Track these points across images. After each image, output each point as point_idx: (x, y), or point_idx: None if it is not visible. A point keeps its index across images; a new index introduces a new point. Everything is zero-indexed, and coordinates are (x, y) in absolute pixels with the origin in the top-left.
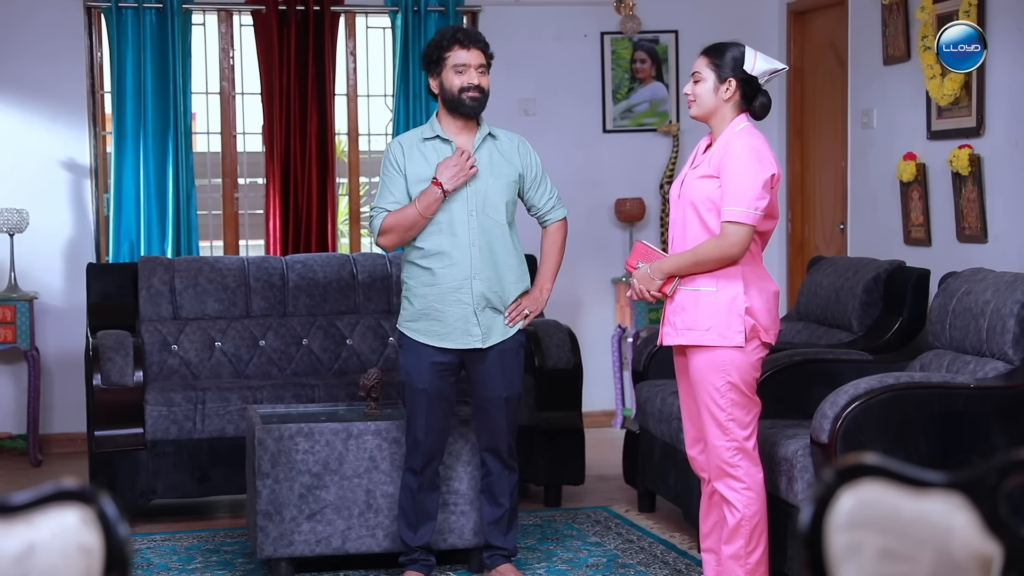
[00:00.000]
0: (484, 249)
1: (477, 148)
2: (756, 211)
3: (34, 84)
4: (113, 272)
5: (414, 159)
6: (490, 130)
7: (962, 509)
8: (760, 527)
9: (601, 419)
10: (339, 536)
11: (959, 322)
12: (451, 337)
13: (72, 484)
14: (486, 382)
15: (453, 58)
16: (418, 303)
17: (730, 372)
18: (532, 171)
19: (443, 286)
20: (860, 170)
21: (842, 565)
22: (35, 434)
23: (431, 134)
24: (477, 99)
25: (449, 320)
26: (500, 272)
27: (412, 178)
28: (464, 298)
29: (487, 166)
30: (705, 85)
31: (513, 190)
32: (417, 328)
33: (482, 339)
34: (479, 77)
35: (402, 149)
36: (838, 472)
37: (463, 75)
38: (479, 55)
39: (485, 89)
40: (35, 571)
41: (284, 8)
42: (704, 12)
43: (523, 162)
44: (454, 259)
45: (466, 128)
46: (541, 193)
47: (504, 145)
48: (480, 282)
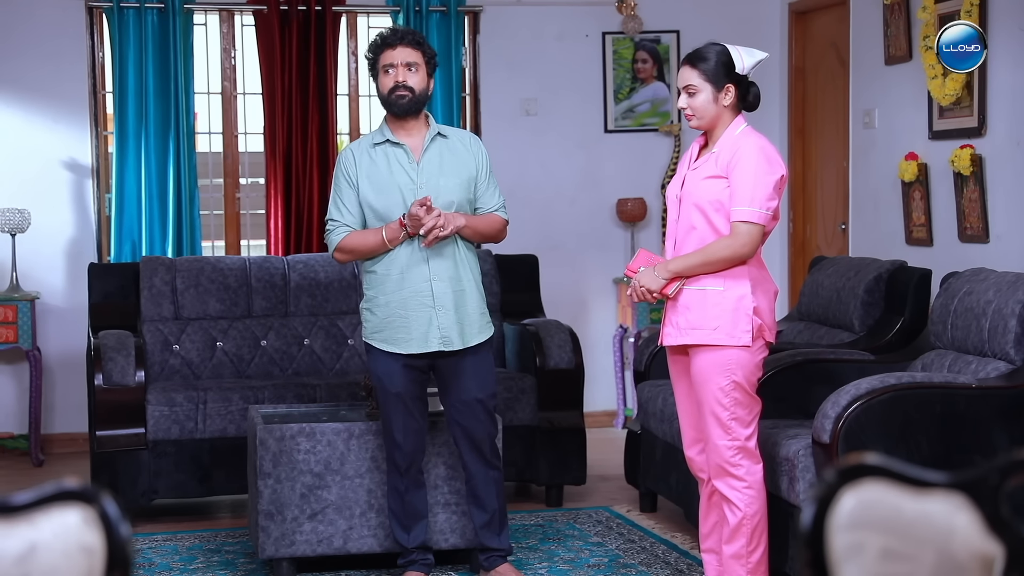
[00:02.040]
0: (440, 248)
1: (427, 148)
2: (767, 211)
3: (36, 84)
4: (115, 272)
5: (364, 165)
6: (439, 129)
7: (964, 509)
8: (761, 526)
9: (602, 419)
10: (341, 536)
11: (961, 322)
12: (416, 343)
13: (74, 484)
14: (462, 385)
15: (382, 59)
16: (381, 312)
17: (735, 371)
18: (484, 169)
19: (405, 291)
20: (862, 170)
21: (844, 565)
22: (37, 434)
23: (380, 139)
24: (405, 97)
25: (413, 325)
26: (459, 271)
27: (364, 185)
28: (426, 300)
29: (437, 166)
30: (702, 96)
31: (467, 189)
32: (384, 338)
33: (444, 342)
34: (406, 74)
35: (353, 158)
36: (840, 472)
37: (389, 75)
38: (408, 52)
39: (414, 87)
40: (37, 571)
41: (286, 8)
42: (705, 12)
43: (476, 161)
44: (413, 262)
45: (414, 129)
46: (489, 195)
47: (455, 144)
48: (440, 283)
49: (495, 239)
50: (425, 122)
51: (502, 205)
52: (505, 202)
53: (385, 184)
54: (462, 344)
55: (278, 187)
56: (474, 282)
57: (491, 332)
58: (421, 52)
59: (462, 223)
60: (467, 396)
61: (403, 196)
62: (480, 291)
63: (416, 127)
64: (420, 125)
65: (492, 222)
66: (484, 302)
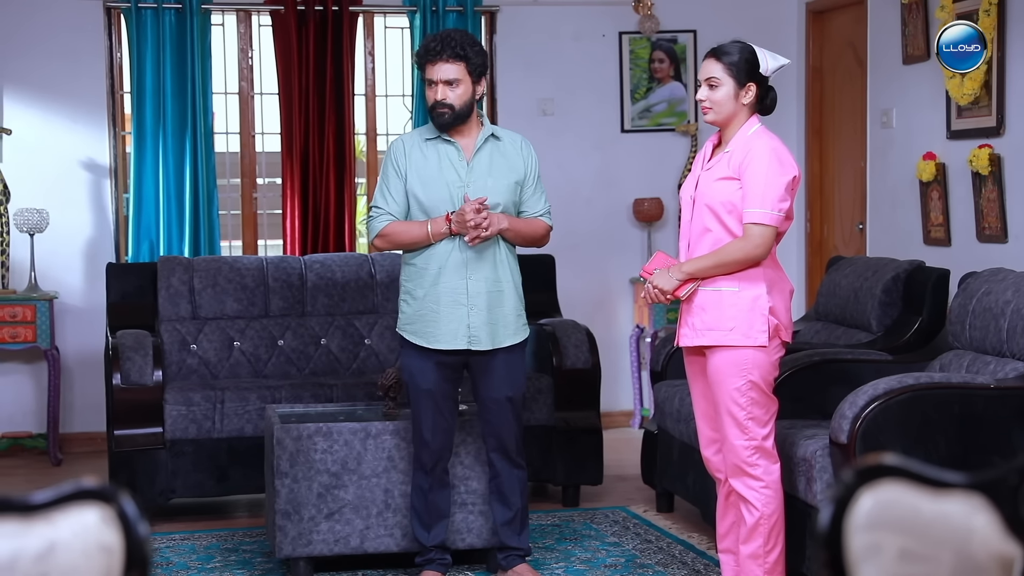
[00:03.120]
0: (480, 248)
1: (478, 148)
2: (779, 212)
3: (54, 84)
4: (132, 272)
5: (414, 158)
6: (493, 131)
7: (982, 510)
8: (778, 526)
9: (619, 419)
10: (357, 536)
11: (979, 322)
12: (444, 339)
13: (92, 483)
14: (492, 383)
15: (426, 71)
16: (415, 305)
17: (751, 371)
18: (532, 174)
19: (440, 287)
20: (879, 170)
21: (861, 566)
22: (55, 433)
23: (433, 135)
24: (444, 115)
25: (443, 321)
26: (497, 272)
27: (412, 177)
28: (460, 298)
29: (486, 166)
30: (723, 90)
31: (514, 192)
32: (415, 331)
33: (473, 341)
34: (446, 92)
35: (404, 148)
36: (858, 472)
37: (431, 89)
38: (447, 68)
39: (453, 104)
40: (56, 570)
41: (303, 8)
42: (722, 12)
43: (525, 165)
44: (452, 259)
45: (466, 129)
46: (535, 200)
47: (507, 146)
48: (476, 282)
49: (537, 244)
50: (478, 122)
51: (547, 211)
52: (551, 209)
53: (434, 179)
54: (491, 345)
55: (295, 187)
56: (512, 284)
57: (525, 335)
58: (464, 63)
59: (506, 225)
60: (496, 394)
61: (450, 193)
62: (518, 294)
63: (468, 128)
64: (472, 126)
65: (535, 227)
66: (521, 305)
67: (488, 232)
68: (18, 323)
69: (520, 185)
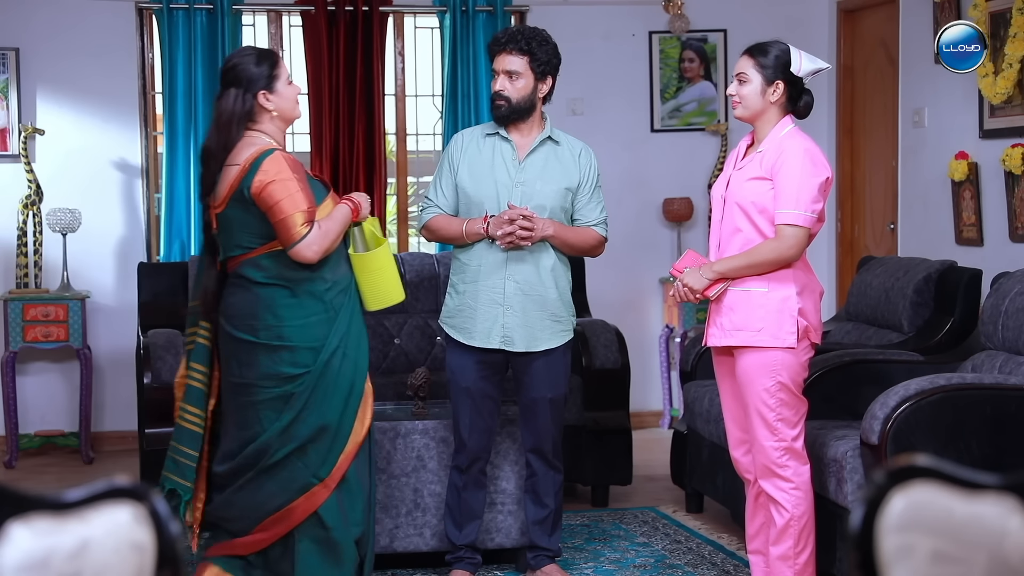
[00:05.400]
0: (523, 251)
1: (533, 149)
2: (812, 214)
3: (86, 85)
4: (164, 271)
5: (469, 152)
6: (551, 133)
7: (1017, 512)
8: (808, 527)
9: (649, 419)
10: (387, 535)
11: (1012, 322)
12: (478, 337)
13: (125, 482)
14: (531, 383)
15: (494, 62)
16: (456, 299)
17: (780, 372)
18: (588, 182)
19: (480, 284)
20: (911, 169)
21: (893, 567)
22: (87, 432)
23: (492, 131)
24: (501, 107)
25: (479, 318)
26: (540, 276)
27: (464, 171)
28: (497, 298)
29: (539, 169)
30: (751, 86)
31: (564, 198)
32: (453, 324)
33: (506, 341)
34: (505, 83)
35: (461, 143)
36: (889, 473)
37: (494, 82)
38: (509, 60)
39: (511, 97)
40: (89, 568)
41: (333, 8)
42: (753, 11)
43: (581, 172)
44: (494, 259)
45: (526, 128)
46: (590, 208)
47: (564, 151)
48: (514, 284)
49: (588, 253)
50: (540, 123)
51: (603, 221)
52: (607, 219)
53: (484, 175)
54: (525, 347)
55: None
56: (556, 290)
57: (566, 339)
58: (528, 58)
59: (550, 232)
60: (535, 394)
61: (498, 190)
62: (563, 300)
63: (528, 127)
64: (533, 125)
65: (585, 236)
66: (566, 310)
67: (530, 239)
68: (51, 322)
69: (572, 192)
